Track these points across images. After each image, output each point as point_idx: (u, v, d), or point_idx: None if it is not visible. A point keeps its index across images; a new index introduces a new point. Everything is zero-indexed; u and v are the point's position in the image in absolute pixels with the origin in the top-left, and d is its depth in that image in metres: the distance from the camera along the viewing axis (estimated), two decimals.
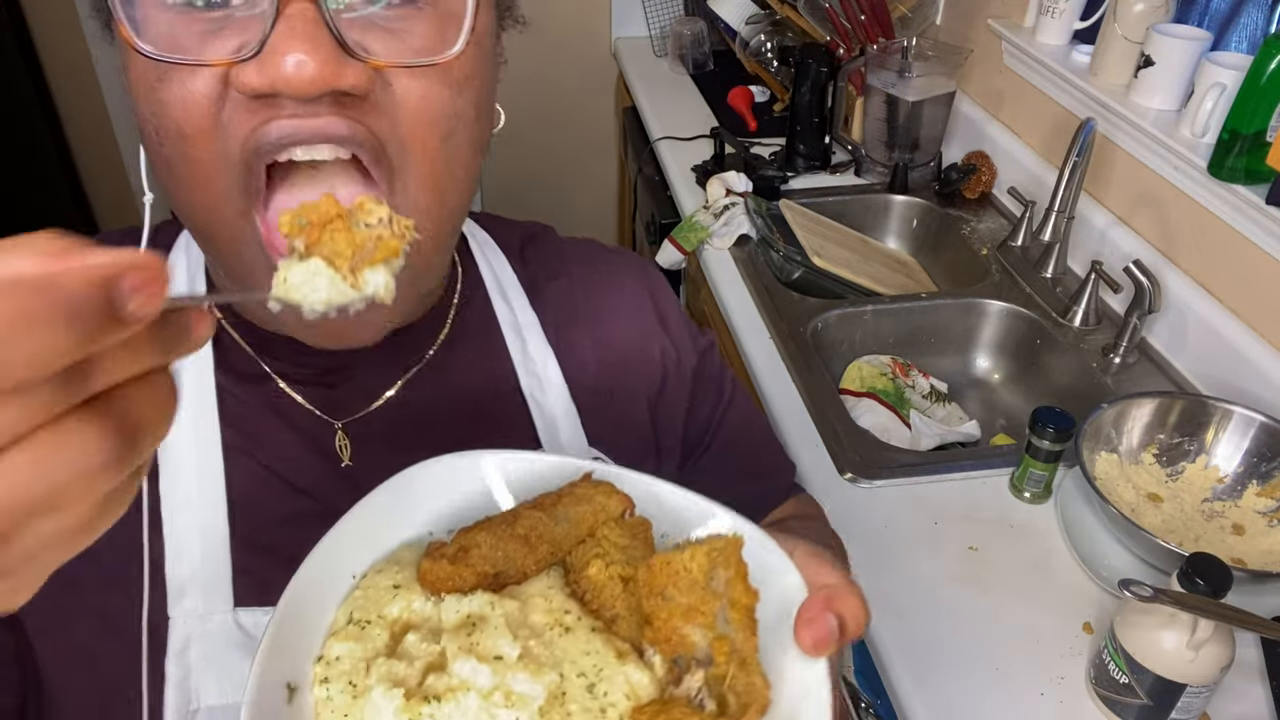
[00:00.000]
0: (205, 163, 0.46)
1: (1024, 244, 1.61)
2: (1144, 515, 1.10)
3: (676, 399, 0.72)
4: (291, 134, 0.45)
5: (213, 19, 0.44)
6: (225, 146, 0.46)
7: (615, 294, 0.72)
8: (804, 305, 1.49)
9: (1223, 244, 1.29)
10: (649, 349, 0.71)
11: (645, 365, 0.71)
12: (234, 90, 0.44)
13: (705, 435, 0.75)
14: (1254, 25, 1.38)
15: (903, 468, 1.19)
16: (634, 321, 0.71)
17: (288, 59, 0.42)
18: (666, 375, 0.71)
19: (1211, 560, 0.84)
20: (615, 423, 0.69)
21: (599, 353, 0.69)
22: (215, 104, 0.45)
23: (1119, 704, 0.89)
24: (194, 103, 0.45)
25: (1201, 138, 1.29)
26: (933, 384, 1.48)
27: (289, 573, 0.56)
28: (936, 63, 1.81)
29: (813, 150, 1.88)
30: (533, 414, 0.65)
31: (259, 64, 0.43)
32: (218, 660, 0.54)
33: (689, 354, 0.73)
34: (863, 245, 1.76)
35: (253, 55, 0.43)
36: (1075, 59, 1.55)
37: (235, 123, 0.45)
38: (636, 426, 0.69)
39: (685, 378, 0.72)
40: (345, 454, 0.60)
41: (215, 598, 0.54)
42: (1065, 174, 1.43)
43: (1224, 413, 1.13)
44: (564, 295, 0.70)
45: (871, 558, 1.06)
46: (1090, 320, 1.44)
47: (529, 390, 0.65)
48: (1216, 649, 0.83)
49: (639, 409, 0.70)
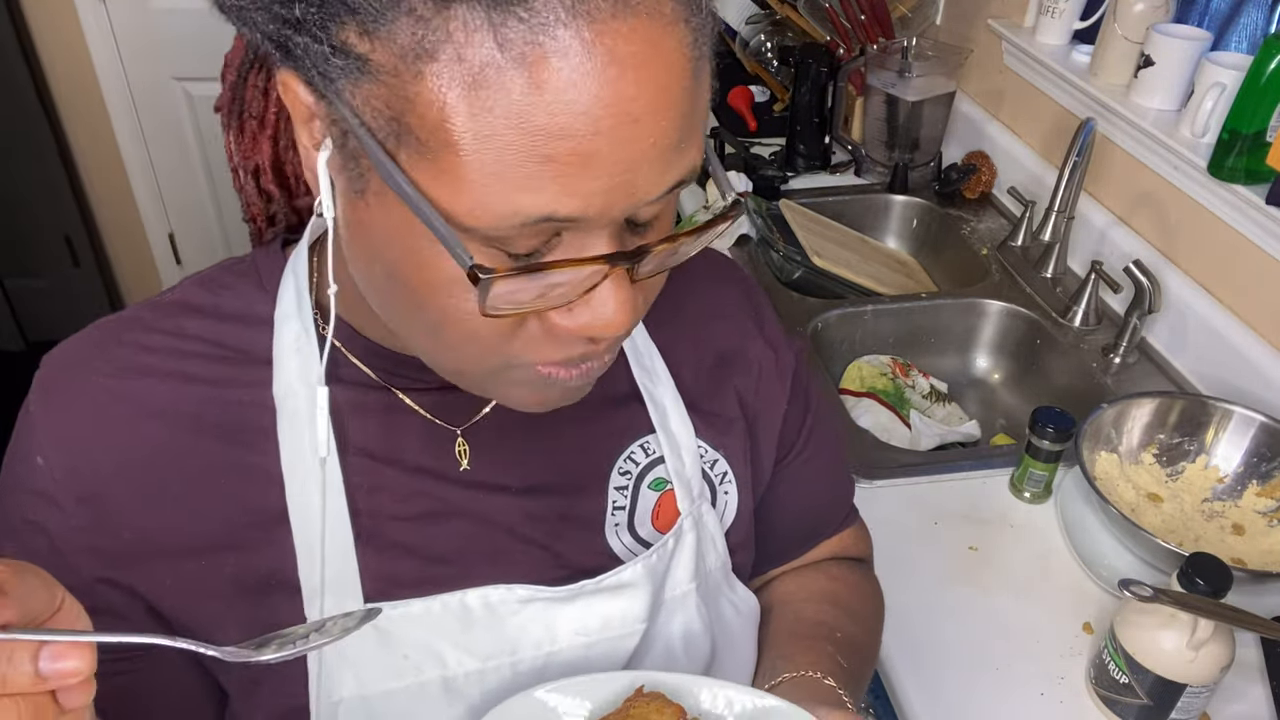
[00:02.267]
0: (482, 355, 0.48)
1: (1024, 244, 1.61)
2: (1144, 515, 1.10)
3: (774, 400, 0.73)
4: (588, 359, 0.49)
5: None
6: (510, 349, 0.48)
7: (713, 294, 0.73)
8: (804, 305, 1.49)
9: (1223, 244, 1.29)
10: (746, 349, 0.72)
11: (743, 365, 0.71)
12: (540, 318, 0.47)
13: (796, 440, 0.75)
14: (1254, 25, 1.37)
15: (903, 468, 1.19)
16: (732, 322, 0.72)
17: (606, 312, 0.45)
18: (763, 376, 0.72)
19: (1211, 560, 0.84)
20: (715, 419, 0.69)
21: (697, 352, 0.70)
22: (519, 325, 0.47)
23: (1119, 704, 0.89)
24: (502, 326, 0.46)
25: (1201, 138, 1.29)
26: (933, 384, 1.48)
27: (412, 565, 0.59)
28: (936, 63, 1.81)
29: (813, 150, 1.88)
30: (647, 406, 0.66)
31: (576, 310, 0.46)
32: (353, 654, 0.57)
33: (786, 356, 0.74)
34: (863, 245, 1.76)
35: (571, 301, 0.45)
36: (1075, 59, 1.55)
37: (534, 342, 0.47)
38: (734, 423, 0.70)
39: (785, 380, 0.73)
40: (464, 459, 0.62)
41: (346, 597, 0.57)
42: (1065, 174, 1.43)
43: (1224, 413, 1.13)
44: (664, 295, 0.71)
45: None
46: (1090, 320, 1.44)
47: (641, 382, 0.66)
48: (1216, 649, 0.83)
49: (733, 407, 0.70)
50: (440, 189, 0.41)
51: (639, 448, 0.66)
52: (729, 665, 0.71)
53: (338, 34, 0.40)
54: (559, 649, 0.62)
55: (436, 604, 0.59)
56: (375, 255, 0.47)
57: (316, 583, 0.57)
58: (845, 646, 0.73)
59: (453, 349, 0.49)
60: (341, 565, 0.57)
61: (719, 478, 0.69)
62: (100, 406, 0.56)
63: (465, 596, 0.59)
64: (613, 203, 0.42)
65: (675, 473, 0.66)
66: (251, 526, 0.57)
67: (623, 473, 0.66)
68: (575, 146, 0.39)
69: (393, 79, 0.39)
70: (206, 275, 0.62)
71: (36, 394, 0.57)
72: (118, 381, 0.56)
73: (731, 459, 0.70)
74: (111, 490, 0.55)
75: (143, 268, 2.90)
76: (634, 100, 0.39)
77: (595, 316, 0.45)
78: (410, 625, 0.58)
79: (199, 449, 0.56)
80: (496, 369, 0.50)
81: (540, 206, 0.40)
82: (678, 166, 0.43)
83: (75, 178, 2.69)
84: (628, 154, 0.40)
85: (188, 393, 0.57)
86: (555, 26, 0.37)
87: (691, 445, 0.67)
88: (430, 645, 0.59)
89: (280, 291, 0.59)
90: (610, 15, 0.38)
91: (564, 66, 0.38)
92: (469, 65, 0.38)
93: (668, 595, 0.66)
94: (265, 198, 0.62)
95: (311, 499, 0.57)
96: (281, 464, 0.57)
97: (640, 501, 0.66)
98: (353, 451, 0.59)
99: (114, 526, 0.55)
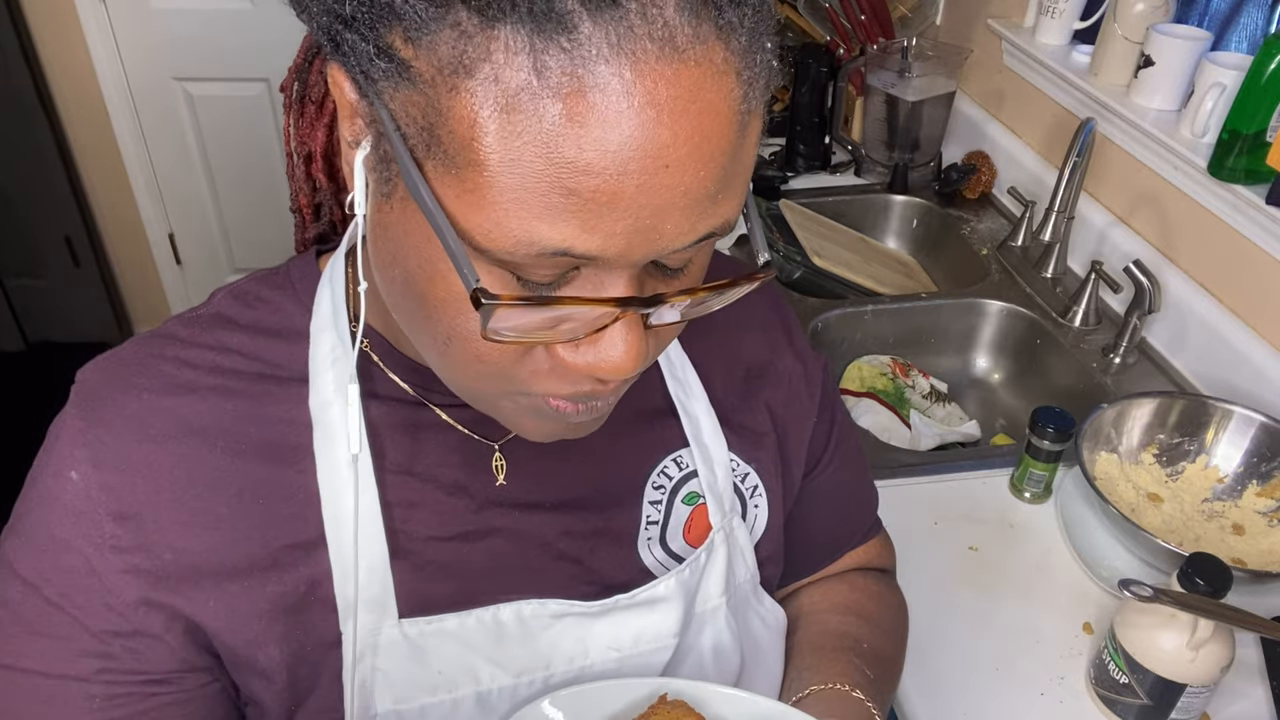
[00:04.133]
0: (489, 378, 0.48)
1: (1024, 244, 1.61)
2: (1144, 515, 1.10)
3: (804, 413, 0.73)
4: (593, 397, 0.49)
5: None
6: (517, 375, 0.48)
7: (742, 305, 0.72)
8: (804, 305, 1.49)
9: (1223, 244, 1.29)
10: (777, 362, 0.72)
11: (774, 378, 0.71)
12: (548, 350, 0.46)
13: (823, 454, 0.75)
14: (1254, 25, 1.37)
15: (903, 468, 1.19)
16: (762, 334, 0.72)
17: (614, 354, 0.45)
18: (793, 388, 0.72)
19: (1211, 560, 0.84)
20: (746, 432, 0.69)
21: (727, 364, 0.70)
22: (527, 354, 0.47)
23: (1119, 704, 0.89)
24: (510, 353, 0.46)
25: (1201, 138, 1.29)
26: (933, 384, 1.48)
27: (447, 584, 0.59)
28: (936, 63, 1.81)
29: (813, 150, 1.88)
30: (682, 419, 0.66)
31: (582, 347, 0.45)
32: (388, 670, 0.57)
33: (815, 368, 0.74)
34: (863, 245, 1.76)
35: (579, 338, 0.45)
36: (1075, 59, 1.56)
37: (539, 371, 0.47)
38: (764, 436, 0.70)
39: (814, 392, 0.73)
40: (501, 474, 0.61)
41: (381, 613, 0.57)
42: (1065, 174, 1.43)
43: (1224, 413, 1.13)
44: None
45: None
46: (1090, 320, 1.44)
47: (675, 394, 0.66)
48: (1216, 649, 0.83)
49: (763, 421, 0.70)
50: (460, 205, 0.40)
51: (673, 462, 0.66)
52: (757, 678, 0.71)
53: (385, 36, 0.39)
54: (591, 663, 0.61)
55: (471, 619, 0.59)
56: (395, 260, 0.47)
57: (351, 599, 0.57)
58: (870, 657, 0.72)
59: (462, 367, 0.49)
60: (378, 582, 0.57)
61: (750, 491, 0.69)
62: (141, 422, 0.55)
63: (499, 612, 0.59)
64: (634, 246, 0.41)
65: (708, 486, 0.66)
66: (291, 546, 0.56)
67: (657, 487, 0.65)
68: (600, 184, 0.38)
69: (430, 89, 0.39)
70: (240, 288, 0.61)
71: (74, 406, 0.56)
72: (159, 397, 0.56)
73: (762, 472, 0.70)
74: (151, 509, 0.54)
75: (143, 268, 2.90)
76: (667, 146, 0.38)
77: (600, 357, 0.45)
78: (444, 641, 0.58)
79: (238, 467, 0.56)
80: (505, 393, 0.49)
81: (558, 239, 0.40)
82: (710, 218, 0.42)
83: (75, 178, 2.69)
84: (655, 199, 0.39)
85: (228, 408, 0.56)
86: (596, 61, 0.37)
87: (724, 458, 0.67)
88: (464, 661, 0.59)
89: (316, 303, 0.59)
90: (655, 58, 0.37)
91: (599, 103, 0.37)
92: (504, 87, 0.37)
93: (698, 609, 0.65)
94: (313, 185, 0.62)
95: (347, 513, 0.57)
96: (318, 479, 0.57)
97: (673, 516, 0.66)
98: (390, 469, 0.58)
99: (155, 546, 0.54)
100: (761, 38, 0.41)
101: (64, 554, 0.54)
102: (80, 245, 2.73)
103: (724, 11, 0.39)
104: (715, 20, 0.39)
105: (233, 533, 0.56)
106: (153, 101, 2.63)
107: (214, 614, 0.55)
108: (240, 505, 0.56)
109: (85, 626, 0.54)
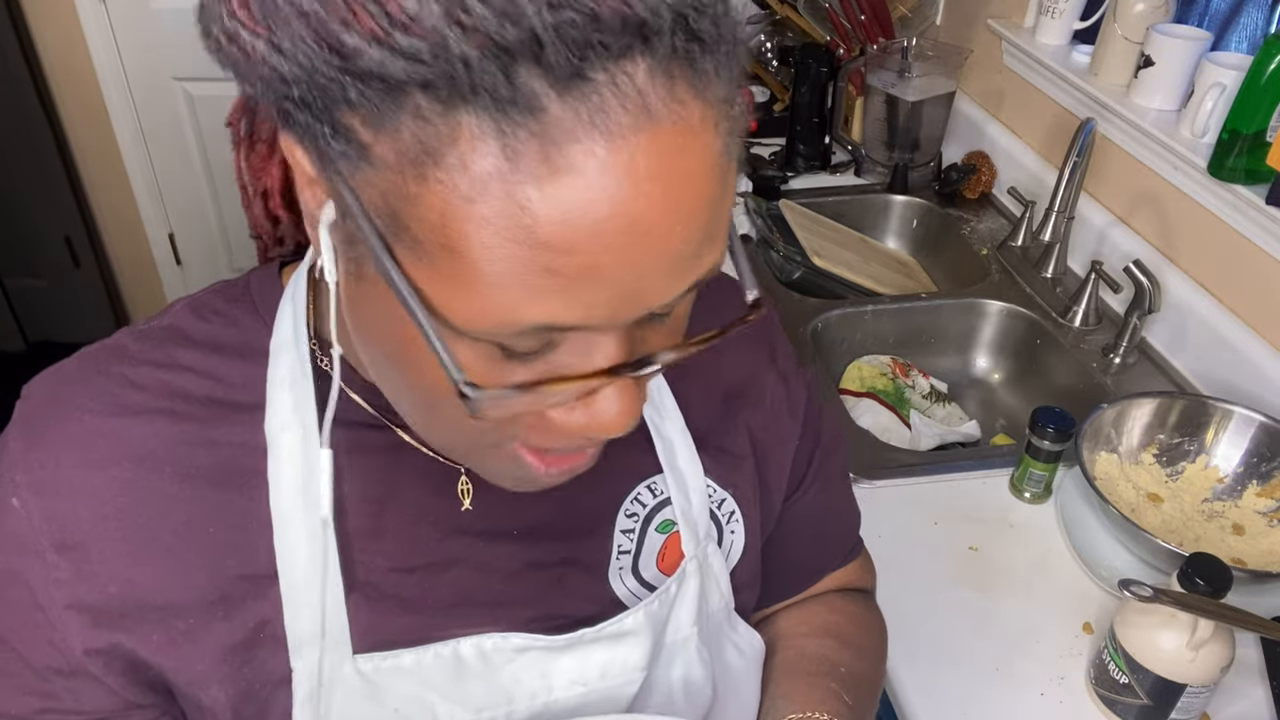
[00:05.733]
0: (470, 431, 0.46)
1: (1024, 244, 1.61)
2: (1144, 515, 1.10)
3: (785, 435, 0.70)
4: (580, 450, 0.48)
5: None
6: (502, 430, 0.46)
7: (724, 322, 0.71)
8: (804, 305, 1.49)
9: (1223, 244, 1.29)
10: (758, 382, 0.69)
11: (755, 398, 0.69)
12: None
13: (805, 475, 0.73)
14: (1254, 25, 1.38)
15: (903, 468, 1.19)
16: (744, 354, 0.69)
17: (610, 415, 0.43)
18: (774, 410, 0.70)
19: (1211, 560, 0.84)
20: (723, 456, 0.67)
21: (706, 385, 0.67)
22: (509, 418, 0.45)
23: (1119, 704, 0.89)
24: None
25: (1201, 138, 1.29)
26: (933, 384, 1.48)
27: (406, 618, 0.57)
28: (936, 63, 1.81)
29: (813, 150, 1.88)
30: (656, 444, 0.64)
31: (572, 412, 0.44)
32: (341, 708, 0.55)
33: (798, 389, 0.71)
34: (863, 245, 1.76)
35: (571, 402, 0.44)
36: (1075, 59, 1.56)
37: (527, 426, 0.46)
38: (742, 460, 0.68)
39: (797, 414, 0.71)
40: (466, 498, 0.59)
41: (335, 649, 0.55)
42: (1065, 174, 1.43)
43: (1224, 413, 1.13)
44: None
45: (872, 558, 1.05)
46: (1090, 320, 1.44)
47: (650, 418, 0.64)
48: (1216, 649, 0.83)
49: (743, 443, 0.68)
50: (436, 290, 0.38)
51: (646, 489, 0.64)
52: (731, 710, 0.69)
53: (341, 118, 0.37)
54: (555, 699, 0.59)
55: (429, 654, 0.56)
56: (372, 338, 0.46)
57: (304, 635, 0.54)
58: (849, 682, 0.70)
59: (444, 429, 0.47)
60: (332, 617, 0.55)
61: (726, 516, 0.67)
62: (83, 447, 0.52)
63: (459, 646, 0.57)
64: (618, 312, 0.39)
65: (682, 513, 0.64)
66: (241, 578, 0.54)
67: (629, 515, 0.63)
68: (581, 261, 0.36)
69: (395, 175, 0.37)
70: (199, 300, 0.58)
71: (16, 427, 0.54)
72: (103, 420, 0.53)
73: (740, 497, 0.68)
74: (95, 539, 0.52)
75: (143, 268, 2.90)
76: (646, 214, 0.37)
77: (594, 419, 0.44)
78: (400, 678, 0.56)
79: (187, 494, 0.54)
80: (486, 446, 0.48)
81: (541, 316, 0.38)
82: (693, 272, 0.40)
83: (75, 178, 2.69)
84: (638, 267, 0.38)
85: (175, 432, 0.54)
86: (568, 143, 0.35)
87: (700, 484, 0.65)
88: (421, 698, 0.57)
89: (277, 321, 0.56)
90: (631, 129, 0.35)
91: (576, 183, 0.35)
92: (473, 174, 0.35)
93: (669, 639, 0.63)
94: (273, 220, 0.59)
95: (299, 546, 0.54)
96: (270, 506, 0.54)
97: (646, 544, 0.64)
98: (350, 495, 0.56)
99: (98, 578, 0.52)
100: (737, 78, 0.39)
101: (10, 587, 0.52)
102: (80, 245, 2.73)
103: (697, 61, 0.37)
104: (690, 77, 0.37)
105: (180, 563, 0.53)
106: (153, 101, 2.63)
107: (158, 650, 0.53)
108: (188, 534, 0.53)
109: (29, 663, 0.53)
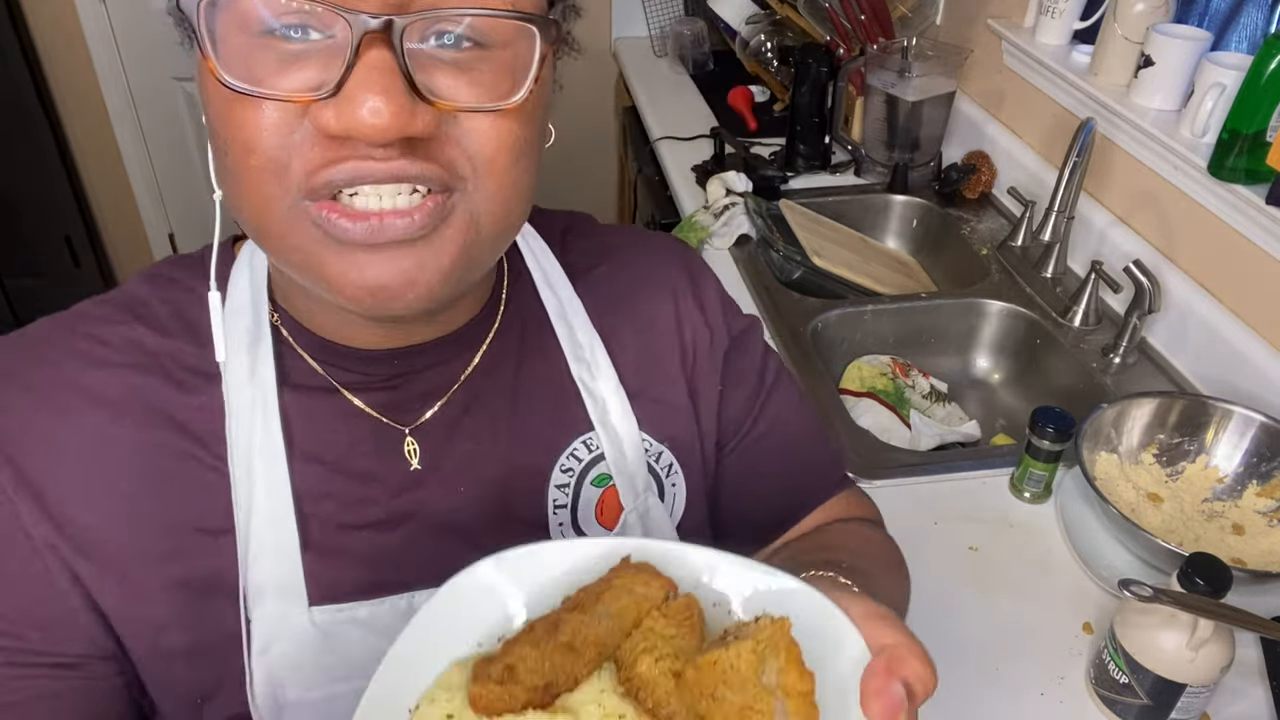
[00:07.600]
0: (268, 180, 0.47)
1: (1024, 244, 1.61)
2: (1144, 515, 1.10)
3: (708, 382, 0.72)
4: (363, 175, 0.46)
5: (292, 50, 0.45)
6: (291, 168, 0.47)
7: (653, 278, 0.72)
8: (804, 305, 1.49)
9: (1223, 244, 1.29)
10: (685, 332, 0.71)
11: (685, 349, 0.71)
12: (308, 121, 0.46)
13: (744, 422, 0.74)
14: (1254, 25, 1.38)
15: (903, 468, 1.19)
16: (670, 305, 0.71)
17: (364, 107, 0.43)
18: (697, 357, 0.71)
19: (1211, 560, 0.84)
20: (660, 408, 0.69)
21: (640, 337, 0.69)
22: (288, 131, 0.46)
23: (1119, 704, 0.89)
24: (268, 128, 0.46)
25: (1201, 138, 1.29)
26: (933, 384, 1.48)
27: (359, 571, 0.58)
28: (936, 63, 1.81)
29: (813, 150, 1.88)
30: (585, 401, 0.66)
31: (335, 107, 0.44)
32: (297, 658, 0.57)
33: (721, 336, 0.72)
34: (863, 245, 1.76)
35: (329, 95, 0.44)
36: (1075, 59, 1.55)
37: (305, 151, 0.46)
38: (679, 410, 0.70)
39: (716, 361, 0.72)
40: (414, 458, 0.61)
41: (290, 600, 0.57)
42: (1065, 174, 1.43)
43: (1224, 413, 1.13)
44: (606, 281, 0.71)
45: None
46: (1090, 320, 1.44)
47: (579, 376, 0.66)
48: (1216, 649, 0.83)
49: (679, 393, 0.70)
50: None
51: (581, 444, 0.66)
52: None
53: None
54: None
55: (384, 606, 0.58)
56: (212, 143, 0.49)
57: (259, 584, 0.56)
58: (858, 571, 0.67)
59: (246, 184, 0.48)
60: (287, 569, 0.57)
61: (665, 469, 0.69)
62: (45, 395, 0.55)
63: (413, 599, 0.59)
64: None
65: (617, 468, 0.66)
66: (198, 530, 0.56)
67: (565, 470, 0.65)
68: None
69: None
70: (154, 271, 0.61)
71: None
72: (66, 370, 0.55)
73: (678, 449, 0.69)
74: (52, 482, 0.54)
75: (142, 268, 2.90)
76: None
77: (355, 109, 0.43)
78: (355, 629, 0.58)
79: (147, 444, 0.56)
80: (289, 212, 0.48)
81: None
82: None
83: (75, 178, 2.69)
84: None
85: (140, 384, 0.56)
86: None
87: (635, 439, 0.67)
88: (375, 649, 0.57)
89: (231, 285, 0.59)
90: None
91: None
92: None
93: None
94: None
95: (257, 500, 0.56)
96: (229, 464, 0.56)
97: (583, 498, 0.66)
98: (300, 458, 0.58)
99: (58, 520, 0.54)
100: None
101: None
102: (80, 245, 2.74)
103: None
104: None
105: (135, 510, 0.55)
106: (153, 101, 2.63)
107: (115, 595, 0.55)
108: (146, 484, 0.55)
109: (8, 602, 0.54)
